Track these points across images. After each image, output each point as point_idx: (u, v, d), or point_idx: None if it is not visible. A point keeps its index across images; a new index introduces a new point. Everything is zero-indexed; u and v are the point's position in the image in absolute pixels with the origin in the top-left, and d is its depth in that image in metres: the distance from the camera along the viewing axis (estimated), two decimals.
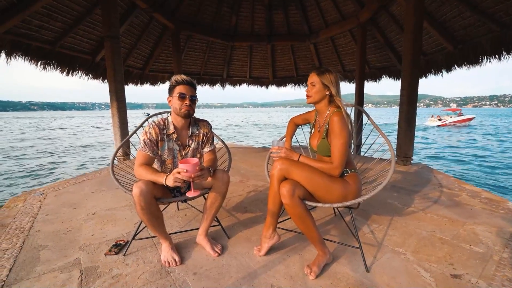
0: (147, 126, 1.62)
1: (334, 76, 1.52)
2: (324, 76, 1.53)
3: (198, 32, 6.48)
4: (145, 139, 1.57)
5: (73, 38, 4.80)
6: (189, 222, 2.08)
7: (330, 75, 1.52)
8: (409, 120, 3.94)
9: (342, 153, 1.44)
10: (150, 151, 1.57)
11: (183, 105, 1.59)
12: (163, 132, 1.63)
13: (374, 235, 1.86)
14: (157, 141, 1.61)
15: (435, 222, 2.05)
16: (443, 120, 30.69)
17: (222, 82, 8.55)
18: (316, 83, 1.55)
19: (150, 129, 1.59)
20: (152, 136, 1.59)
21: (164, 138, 1.63)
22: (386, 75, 7.06)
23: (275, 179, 1.48)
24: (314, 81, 1.56)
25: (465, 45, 4.63)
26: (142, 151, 1.56)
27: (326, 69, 1.55)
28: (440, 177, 3.28)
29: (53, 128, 33.42)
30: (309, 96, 1.59)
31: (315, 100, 1.57)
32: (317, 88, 1.55)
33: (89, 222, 2.06)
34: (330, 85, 1.51)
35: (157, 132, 1.60)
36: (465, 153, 13.39)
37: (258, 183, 3.13)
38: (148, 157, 1.57)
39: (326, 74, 1.52)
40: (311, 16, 6.71)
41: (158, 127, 1.61)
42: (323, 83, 1.53)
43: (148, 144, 1.57)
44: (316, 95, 1.56)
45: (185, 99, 1.58)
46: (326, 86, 1.53)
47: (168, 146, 1.66)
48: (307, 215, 1.44)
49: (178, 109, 1.58)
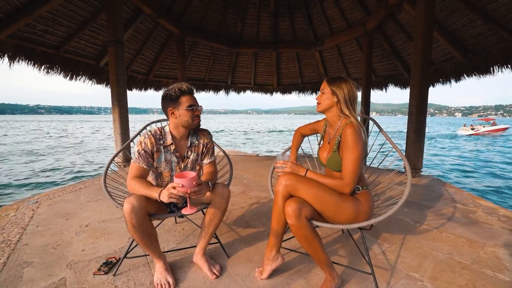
0: (142, 135, 1.50)
1: (347, 85, 1.41)
2: (334, 83, 1.42)
3: (203, 38, 6.45)
4: (140, 149, 1.45)
5: (78, 43, 4.78)
6: (187, 238, 1.95)
7: (342, 83, 1.41)
8: (418, 130, 3.79)
9: (354, 168, 1.31)
10: (144, 163, 1.45)
11: (194, 116, 1.49)
12: (159, 143, 1.51)
13: (386, 256, 1.71)
14: (153, 152, 1.49)
15: (451, 242, 1.89)
16: (476, 129, 31.23)
17: (227, 89, 8.50)
18: (325, 90, 1.45)
19: (146, 139, 1.47)
20: (147, 146, 1.47)
21: (160, 149, 1.52)
22: (392, 84, 6.94)
23: (280, 196, 1.36)
24: (323, 88, 1.46)
25: (475, 54, 4.51)
26: (136, 163, 1.44)
27: (339, 77, 1.44)
28: (453, 191, 3.12)
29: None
30: (319, 103, 1.49)
31: (323, 107, 1.46)
32: (326, 94, 1.44)
33: (81, 235, 1.94)
34: (338, 93, 1.40)
35: (152, 143, 1.48)
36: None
37: (261, 195, 2.99)
38: (143, 169, 1.45)
39: (337, 82, 1.42)
40: (317, 24, 6.67)
41: (154, 136, 1.49)
42: (332, 90, 1.42)
43: (142, 156, 1.45)
44: (324, 102, 1.45)
45: (196, 110, 1.49)
46: (334, 93, 1.42)
47: (166, 158, 1.54)
48: (315, 236, 1.30)
49: (188, 121, 1.48)
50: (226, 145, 20.42)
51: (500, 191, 8.01)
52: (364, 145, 1.36)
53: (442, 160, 13.81)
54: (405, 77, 6.29)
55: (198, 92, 8.42)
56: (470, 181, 9.25)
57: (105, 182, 1.58)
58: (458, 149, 18.34)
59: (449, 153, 16.46)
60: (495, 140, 24.45)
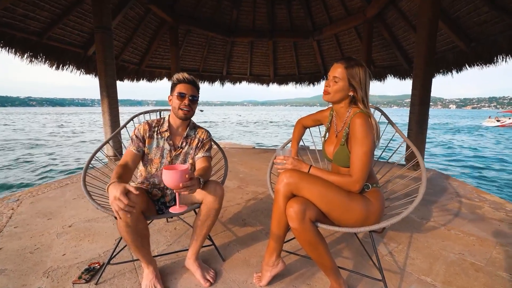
0: (138, 124, 1.55)
1: (364, 73, 1.22)
2: (353, 71, 1.21)
3: (197, 27, 6.17)
4: (133, 135, 1.48)
5: (63, 30, 4.50)
6: (179, 239, 1.80)
7: (361, 71, 1.22)
8: (420, 122, 3.67)
9: (364, 164, 1.16)
10: (134, 147, 1.45)
11: (181, 104, 1.45)
12: (153, 130, 1.51)
13: (394, 258, 1.59)
14: (144, 139, 1.48)
15: (461, 241, 1.78)
16: (502, 121, 32.16)
17: (222, 80, 8.25)
18: (341, 80, 1.23)
19: (140, 125, 1.51)
20: (139, 132, 1.48)
21: (153, 136, 1.50)
22: (391, 75, 6.78)
23: (281, 196, 1.21)
24: (338, 76, 1.23)
25: (479, 43, 4.35)
26: (129, 148, 1.46)
27: (357, 63, 1.23)
28: (456, 185, 3.02)
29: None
30: (328, 92, 1.28)
31: (334, 99, 1.28)
32: (340, 85, 1.24)
33: (62, 237, 1.78)
34: (357, 87, 1.22)
35: (146, 129, 1.49)
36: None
37: (259, 190, 2.85)
38: (132, 154, 1.43)
39: (356, 69, 1.21)
40: (315, 12, 6.42)
41: (149, 124, 1.51)
42: (349, 81, 1.23)
43: (134, 140, 1.47)
44: (336, 95, 1.26)
45: (184, 98, 1.46)
46: (352, 86, 1.25)
47: (158, 144, 1.51)
48: (320, 241, 1.16)
49: (176, 108, 1.46)
50: (221, 138, 20.21)
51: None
52: (374, 137, 1.21)
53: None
54: (405, 67, 6.13)
55: None
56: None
57: (84, 181, 1.41)
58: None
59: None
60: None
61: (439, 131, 27.69)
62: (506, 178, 8.60)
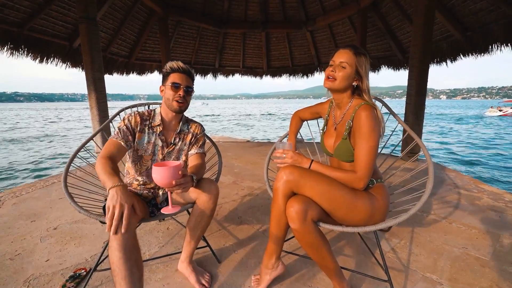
0: (128, 114, 1.35)
1: (368, 62, 1.16)
2: (361, 60, 1.14)
3: (187, 18, 5.96)
4: (121, 125, 1.30)
5: (45, 21, 4.26)
6: (172, 239, 1.71)
7: (367, 60, 1.15)
8: (417, 112, 3.62)
9: (370, 160, 1.08)
10: (123, 139, 1.26)
11: (175, 96, 1.32)
12: (144, 123, 1.36)
13: (397, 254, 1.54)
14: (135, 132, 1.33)
15: (464, 234, 1.74)
16: (504, 110, 33.11)
17: (214, 72, 8.07)
18: (348, 66, 1.14)
19: (130, 116, 1.33)
20: (130, 123, 1.31)
21: (144, 130, 1.35)
22: (385, 65, 6.73)
23: (280, 195, 1.12)
24: (347, 62, 1.14)
25: (474, 32, 4.30)
26: (113, 139, 1.26)
27: (363, 51, 1.16)
28: (453, 176, 2.99)
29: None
30: (333, 78, 1.17)
31: (339, 87, 1.18)
32: (348, 73, 1.14)
33: (46, 241, 1.67)
34: (364, 76, 1.15)
35: (137, 122, 1.33)
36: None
37: (254, 185, 2.77)
38: (119, 146, 1.24)
39: (363, 58, 1.14)
40: (309, 2, 6.26)
41: (140, 116, 1.35)
42: (357, 69, 1.14)
43: (123, 131, 1.28)
44: (342, 82, 1.16)
45: (178, 89, 1.32)
46: (358, 75, 1.16)
47: (149, 140, 1.36)
48: (322, 242, 1.09)
49: (170, 100, 1.33)
50: (216, 130, 20.01)
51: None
52: (380, 131, 1.12)
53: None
54: (399, 58, 6.08)
55: None
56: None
57: (65, 181, 1.30)
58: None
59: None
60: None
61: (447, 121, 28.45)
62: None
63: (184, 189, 1.07)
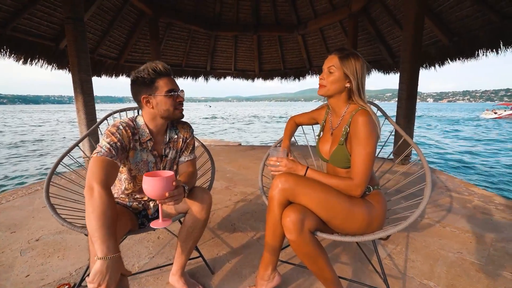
0: (114, 126, 1.10)
1: (361, 64, 1.13)
2: (347, 62, 1.12)
3: (178, 20, 5.89)
4: (113, 141, 1.05)
5: (30, 21, 4.11)
6: (162, 249, 1.64)
7: (356, 61, 1.12)
8: (408, 116, 3.66)
9: (367, 166, 1.06)
10: (118, 158, 1.04)
11: (176, 104, 1.17)
12: (135, 138, 1.16)
13: (394, 260, 1.52)
14: (128, 149, 1.13)
15: (458, 239, 1.74)
16: (499, 113, 34.10)
17: (206, 75, 8.00)
18: (336, 70, 1.14)
19: (119, 130, 1.09)
20: (123, 139, 1.09)
21: (136, 147, 1.17)
22: (375, 69, 6.82)
23: (276, 204, 1.08)
24: (333, 67, 1.14)
25: (461, 37, 4.41)
26: (107, 157, 0.99)
27: (351, 53, 1.14)
28: (444, 179, 3.03)
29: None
30: (323, 85, 1.17)
31: (329, 92, 1.17)
32: (336, 76, 1.14)
33: (27, 254, 1.57)
34: (351, 76, 1.12)
35: (128, 136, 1.12)
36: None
37: (247, 190, 2.72)
38: (114, 166, 1.01)
39: (351, 60, 1.12)
40: (300, 6, 6.31)
41: (130, 130, 1.14)
42: (344, 70, 1.13)
43: (116, 149, 1.04)
44: (332, 86, 1.15)
45: (178, 96, 1.17)
46: (347, 77, 1.14)
47: (141, 158, 1.19)
48: (320, 253, 1.05)
49: (169, 111, 1.16)
50: (207, 133, 19.86)
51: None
52: (378, 138, 1.10)
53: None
54: (389, 62, 6.17)
55: (175, 78, 7.83)
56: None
57: (47, 191, 1.22)
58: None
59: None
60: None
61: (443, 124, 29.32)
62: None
63: (177, 202, 1.00)
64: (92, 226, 0.85)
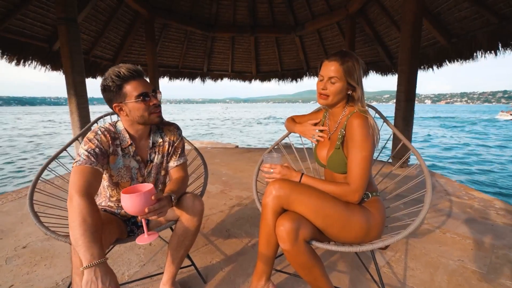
0: (91, 133, 1.07)
1: (361, 67, 1.08)
2: (350, 68, 1.05)
3: (174, 21, 5.85)
4: (91, 148, 1.01)
5: (22, 21, 4.05)
6: (154, 257, 1.58)
7: (358, 67, 1.06)
8: (406, 118, 3.63)
9: (363, 170, 1.01)
10: (99, 164, 1.00)
11: (150, 108, 1.08)
12: (116, 143, 1.11)
13: (392, 269, 1.47)
14: (108, 154, 1.08)
15: (458, 245, 1.69)
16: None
17: (203, 76, 7.95)
18: (339, 80, 1.07)
19: (98, 135, 1.05)
20: (101, 145, 1.04)
21: (117, 152, 1.11)
22: (373, 71, 6.80)
23: (270, 211, 1.03)
24: (336, 76, 1.06)
25: (459, 39, 4.39)
26: (85, 165, 0.96)
27: (351, 57, 1.07)
28: (443, 182, 2.99)
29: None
30: (326, 95, 1.10)
31: (333, 102, 1.12)
32: (339, 87, 1.07)
33: (13, 263, 1.51)
34: (356, 85, 1.07)
35: (108, 141, 1.07)
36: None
37: (243, 194, 2.67)
38: (95, 173, 0.98)
39: (354, 67, 1.05)
40: (297, 7, 6.28)
41: (109, 134, 1.09)
42: (346, 79, 1.06)
43: (95, 155, 1.00)
44: (335, 97, 1.10)
45: (150, 99, 1.08)
46: (350, 86, 1.08)
47: (124, 163, 1.14)
48: (316, 262, 1.00)
49: (144, 117, 1.09)
50: (202, 135, 19.77)
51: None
52: (374, 140, 1.06)
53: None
54: (387, 63, 6.16)
55: (172, 80, 7.79)
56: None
57: (31, 199, 1.16)
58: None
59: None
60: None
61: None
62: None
63: (160, 215, 0.94)
64: (75, 236, 0.84)
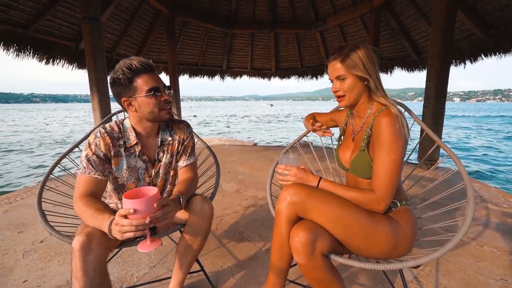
0: (92, 135, 1.04)
1: (365, 54, 0.94)
2: (352, 61, 0.94)
3: (194, 18, 5.86)
4: (89, 155, 1.00)
5: (51, 22, 4.22)
6: (165, 258, 1.54)
7: (360, 54, 0.94)
8: (436, 117, 3.36)
9: (391, 176, 0.89)
10: (98, 172, 1.01)
11: (161, 104, 1.04)
12: (118, 143, 1.07)
13: (421, 285, 1.32)
14: (109, 158, 1.05)
15: (499, 261, 1.50)
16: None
17: (222, 74, 7.95)
18: (346, 76, 0.97)
19: (97, 139, 1.02)
20: (99, 150, 1.01)
21: (120, 153, 1.08)
22: (398, 67, 6.43)
23: (283, 219, 0.93)
24: (341, 73, 0.97)
25: (499, 30, 3.99)
26: (84, 175, 0.99)
27: (351, 48, 0.96)
28: (478, 187, 2.72)
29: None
30: (341, 97, 1.01)
31: (352, 100, 1.00)
32: (350, 82, 0.97)
33: (29, 257, 1.53)
34: (365, 75, 0.95)
35: (108, 144, 1.03)
36: None
37: (259, 194, 2.58)
38: (96, 181, 1.00)
39: (354, 57, 0.94)
40: (319, 1, 6.06)
41: (110, 135, 1.05)
42: (355, 74, 0.96)
43: (94, 163, 1.00)
44: (352, 94, 0.99)
45: (161, 95, 1.04)
46: (361, 77, 0.96)
47: (129, 164, 1.10)
48: (335, 279, 0.89)
49: (153, 113, 1.04)
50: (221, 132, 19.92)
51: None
52: (405, 142, 0.93)
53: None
54: (413, 58, 5.80)
55: (191, 77, 7.86)
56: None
57: (40, 197, 1.16)
58: None
59: None
60: None
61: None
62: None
63: (165, 221, 0.88)
64: (88, 220, 0.93)
